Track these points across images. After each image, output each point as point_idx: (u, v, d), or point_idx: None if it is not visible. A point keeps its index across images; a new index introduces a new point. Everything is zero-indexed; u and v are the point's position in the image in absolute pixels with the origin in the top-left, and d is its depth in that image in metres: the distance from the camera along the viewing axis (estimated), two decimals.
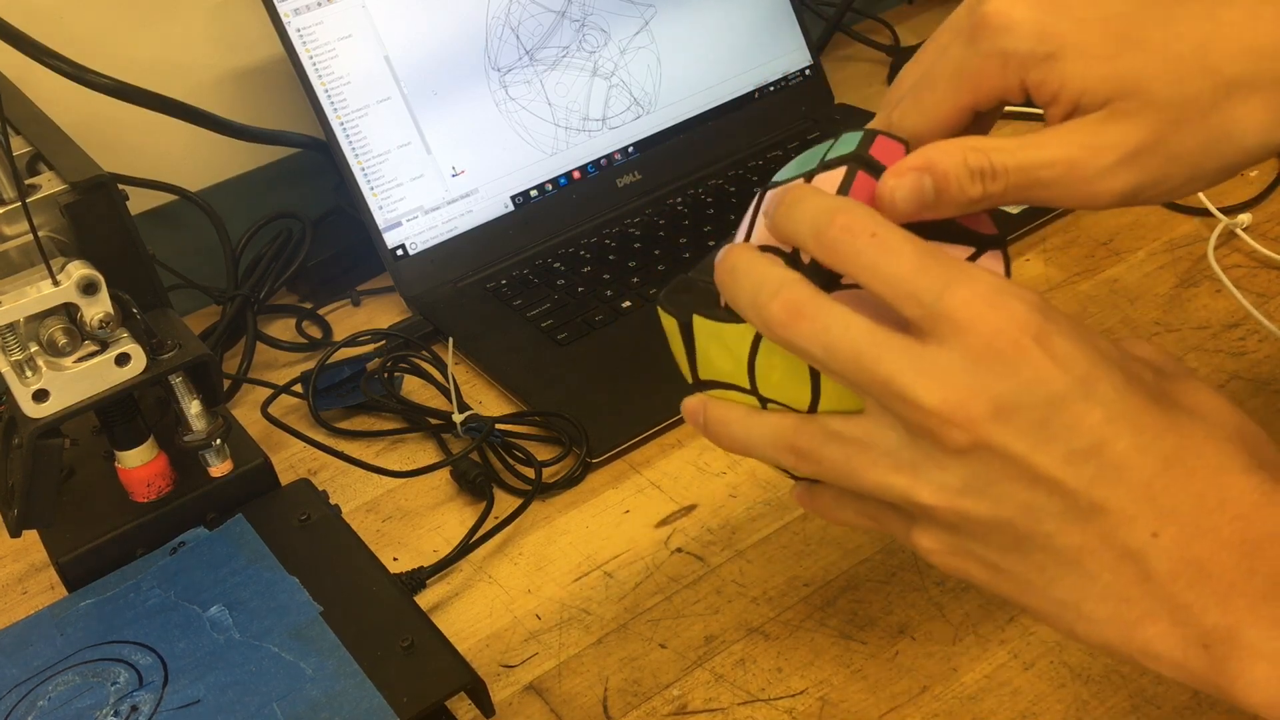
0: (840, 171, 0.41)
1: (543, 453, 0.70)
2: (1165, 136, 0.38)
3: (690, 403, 0.46)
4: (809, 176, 0.42)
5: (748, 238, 0.44)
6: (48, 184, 0.57)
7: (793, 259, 0.42)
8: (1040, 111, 0.41)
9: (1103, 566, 0.37)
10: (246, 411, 0.78)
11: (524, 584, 0.62)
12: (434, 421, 0.73)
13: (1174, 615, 0.36)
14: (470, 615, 0.61)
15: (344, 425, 0.76)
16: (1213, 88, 0.38)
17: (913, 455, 0.39)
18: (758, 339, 0.42)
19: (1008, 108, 0.43)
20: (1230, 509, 0.35)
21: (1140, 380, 0.38)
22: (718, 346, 0.44)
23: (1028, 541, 0.38)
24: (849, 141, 0.42)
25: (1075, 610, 0.38)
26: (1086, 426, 0.36)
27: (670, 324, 0.46)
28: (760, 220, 0.43)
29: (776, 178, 0.44)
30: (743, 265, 0.41)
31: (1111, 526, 0.36)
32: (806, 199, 0.40)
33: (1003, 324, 0.36)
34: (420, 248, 0.86)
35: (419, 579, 0.62)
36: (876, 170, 0.41)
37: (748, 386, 0.43)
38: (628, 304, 0.81)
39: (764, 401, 0.44)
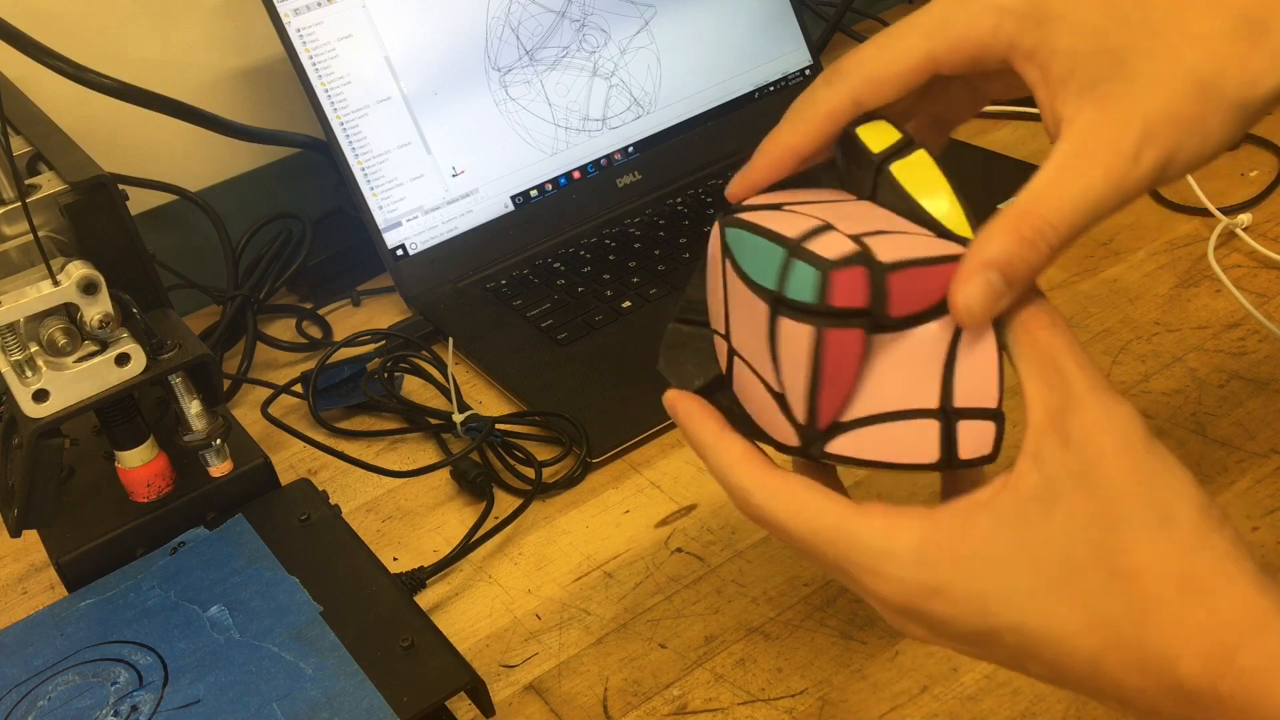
0: (806, 334, 0.37)
1: (543, 453, 0.70)
2: (1166, 105, 0.38)
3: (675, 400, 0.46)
4: (774, 311, 0.38)
5: (723, 277, 0.42)
6: (48, 184, 0.57)
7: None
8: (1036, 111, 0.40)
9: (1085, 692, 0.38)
10: (246, 411, 0.78)
11: (524, 584, 0.62)
12: (434, 421, 0.73)
13: None
14: (470, 615, 0.61)
15: (344, 425, 0.76)
16: (1189, 47, 0.38)
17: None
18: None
19: (997, 107, 0.42)
20: (1160, 704, 0.35)
21: (1044, 565, 0.36)
22: None
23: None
24: (804, 281, 0.37)
25: None
26: (1009, 649, 0.37)
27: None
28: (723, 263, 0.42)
29: (737, 256, 0.41)
30: (700, 447, 0.43)
31: (1074, 691, 0.37)
32: (717, 473, 0.42)
33: (891, 596, 0.37)
34: (420, 248, 0.86)
35: (419, 579, 0.62)
36: (843, 320, 0.37)
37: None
38: (628, 304, 0.81)
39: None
